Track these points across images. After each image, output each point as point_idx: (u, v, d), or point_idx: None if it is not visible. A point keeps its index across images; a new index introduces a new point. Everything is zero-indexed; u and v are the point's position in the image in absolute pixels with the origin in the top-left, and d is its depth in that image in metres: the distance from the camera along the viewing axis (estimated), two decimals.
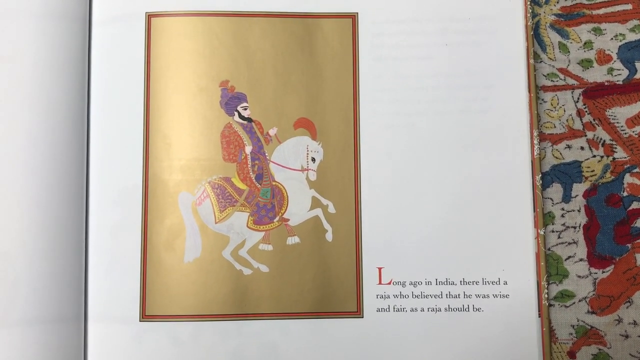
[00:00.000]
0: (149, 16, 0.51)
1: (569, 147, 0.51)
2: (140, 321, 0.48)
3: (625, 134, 0.51)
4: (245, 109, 0.50)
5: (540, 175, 0.50)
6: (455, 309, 0.49)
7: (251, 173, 0.50)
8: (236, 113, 0.50)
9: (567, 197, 0.50)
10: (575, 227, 0.50)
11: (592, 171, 0.51)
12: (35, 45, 0.47)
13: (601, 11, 0.53)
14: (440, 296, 0.49)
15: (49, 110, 0.47)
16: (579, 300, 0.49)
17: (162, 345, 0.48)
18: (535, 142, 0.50)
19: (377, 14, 0.51)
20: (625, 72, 0.52)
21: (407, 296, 0.49)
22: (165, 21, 0.51)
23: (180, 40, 0.50)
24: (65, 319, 0.46)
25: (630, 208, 0.50)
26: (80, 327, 0.47)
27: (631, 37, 0.52)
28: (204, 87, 0.50)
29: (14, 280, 0.45)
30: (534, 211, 0.49)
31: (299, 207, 0.50)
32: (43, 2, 0.48)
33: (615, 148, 0.51)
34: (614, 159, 0.51)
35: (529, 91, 0.50)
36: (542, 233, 0.49)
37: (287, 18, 0.51)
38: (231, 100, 0.50)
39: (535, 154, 0.50)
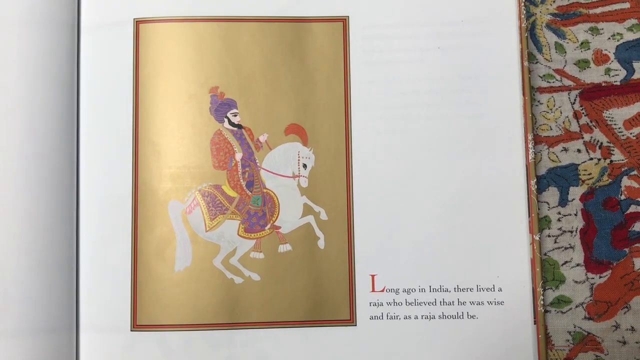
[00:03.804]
0: (137, 22, 0.50)
1: (565, 149, 0.50)
2: (131, 331, 0.48)
3: (623, 136, 0.50)
4: (235, 116, 0.50)
5: (535, 180, 0.49)
6: (449, 316, 0.48)
7: (242, 180, 0.49)
8: (226, 120, 0.50)
9: (563, 201, 0.49)
10: (572, 232, 0.49)
11: (589, 174, 0.50)
12: (23, 52, 0.47)
13: (598, 10, 0.52)
14: (434, 303, 0.48)
15: (37, 119, 0.47)
16: (576, 306, 0.48)
17: (154, 355, 0.47)
18: (530, 146, 0.49)
19: (368, 17, 0.51)
20: (622, 73, 0.51)
21: (400, 303, 0.48)
22: (153, 27, 0.50)
23: (168, 47, 0.50)
24: (56, 330, 0.46)
25: (628, 211, 0.49)
26: (72, 337, 0.47)
27: (629, 36, 0.51)
28: (193, 93, 0.50)
29: (4, 291, 0.45)
30: (529, 216, 0.48)
31: (291, 214, 0.49)
32: (30, 9, 0.48)
33: (613, 150, 0.50)
34: (611, 161, 0.50)
35: (523, 94, 0.49)
36: (537, 239, 0.48)
37: (277, 22, 0.50)
38: (221, 107, 0.50)
39: (530, 158, 0.49)
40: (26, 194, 0.46)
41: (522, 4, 0.50)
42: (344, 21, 0.51)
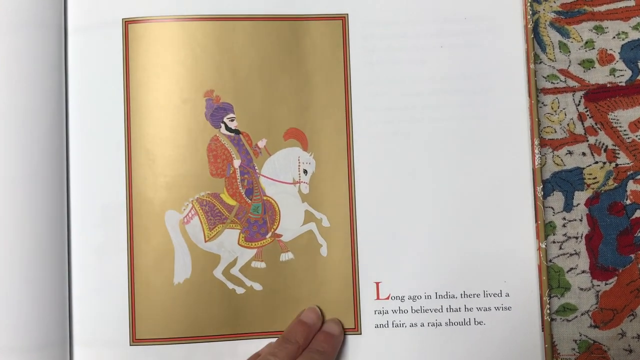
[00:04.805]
0: (126, 22, 0.48)
1: (570, 153, 0.49)
2: (130, 345, 0.46)
3: (629, 138, 0.49)
4: (232, 120, 0.48)
5: (541, 186, 0.48)
6: (456, 323, 0.47)
7: (241, 188, 0.48)
8: (223, 125, 0.48)
9: (568, 206, 0.49)
10: (577, 238, 0.48)
11: (594, 178, 0.49)
12: (6, 56, 0.44)
13: (603, 8, 0.50)
14: (440, 310, 0.47)
15: (23, 126, 0.44)
16: (582, 314, 0.48)
17: None
18: (536, 151, 0.48)
19: (369, 15, 0.49)
20: (628, 73, 0.50)
21: (406, 311, 0.47)
22: (143, 27, 0.48)
23: (160, 48, 0.48)
24: (49, 346, 0.44)
25: (634, 217, 0.48)
26: (66, 353, 0.46)
27: (634, 35, 0.50)
28: (188, 98, 0.47)
29: None
30: (535, 222, 0.47)
31: (292, 221, 0.48)
32: (15, 10, 0.45)
33: (618, 153, 0.49)
34: (616, 165, 0.49)
35: (530, 97, 0.48)
36: (543, 246, 0.47)
37: (273, 21, 0.48)
38: (217, 112, 0.48)
39: (536, 163, 0.48)
40: (14, 206, 0.44)
41: (528, 2, 0.49)
42: (343, 19, 0.49)
